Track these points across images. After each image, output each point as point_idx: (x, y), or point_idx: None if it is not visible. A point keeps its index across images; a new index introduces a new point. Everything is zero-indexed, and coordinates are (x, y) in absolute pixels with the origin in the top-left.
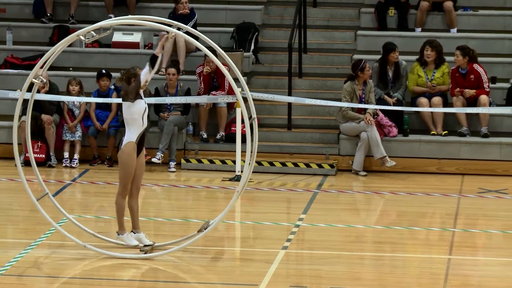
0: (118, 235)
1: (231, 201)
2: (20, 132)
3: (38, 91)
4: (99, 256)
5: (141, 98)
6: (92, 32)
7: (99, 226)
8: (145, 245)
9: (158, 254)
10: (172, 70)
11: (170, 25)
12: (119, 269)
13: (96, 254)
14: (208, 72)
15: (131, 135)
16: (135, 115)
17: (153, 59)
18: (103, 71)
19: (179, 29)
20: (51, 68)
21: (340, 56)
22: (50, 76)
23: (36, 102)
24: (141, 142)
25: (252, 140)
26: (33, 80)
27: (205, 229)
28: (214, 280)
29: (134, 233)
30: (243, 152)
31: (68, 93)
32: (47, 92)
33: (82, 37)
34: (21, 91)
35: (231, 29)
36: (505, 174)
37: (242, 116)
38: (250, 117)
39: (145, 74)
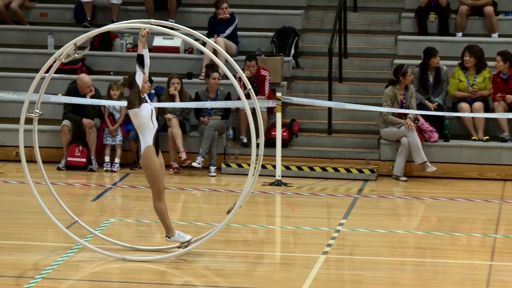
0: (169, 238)
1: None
2: (61, 136)
3: (84, 96)
4: (141, 260)
5: (146, 101)
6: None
7: (140, 230)
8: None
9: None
10: (216, 75)
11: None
12: (159, 273)
13: (138, 258)
14: (248, 77)
15: (146, 140)
16: (144, 119)
17: (140, 60)
18: None
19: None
20: (92, 72)
21: (380, 61)
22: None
23: (78, 106)
24: (156, 143)
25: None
26: (28, 114)
27: (185, 247)
28: (254, 284)
29: (169, 237)
30: (283, 157)
31: (109, 97)
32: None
33: (62, 60)
34: (62, 95)
35: (271, 33)
36: None
37: (282, 120)
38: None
39: (139, 77)
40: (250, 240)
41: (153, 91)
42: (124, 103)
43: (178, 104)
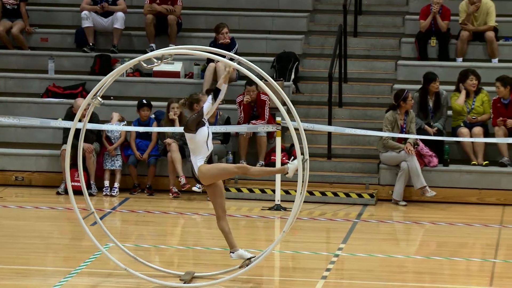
0: (233, 253)
1: (279, 237)
2: (61, 160)
3: (80, 120)
4: (140, 285)
5: (203, 125)
6: (154, 58)
7: (139, 254)
8: (247, 259)
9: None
10: None
11: (230, 59)
12: None
13: (137, 284)
14: (248, 102)
15: (197, 162)
16: (199, 144)
17: (216, 92)
18: (144, 101)
19: (239, 63)
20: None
21: (380, 86)
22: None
23: (77, 131)
24: (209, 163)
25: (303, 175)
26: (91, 100)
27: (247, 266)
28: None
29: (233, 252)
30: (283, 181)
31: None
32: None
33: (143, 63)
34: (62, 119)
35: (272, 58)
36: None
37: (282, 145)
38: (303, 159)
39: (208, 106)
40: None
41: (152, 116)
42: (123, 128)
43: (177, 129)
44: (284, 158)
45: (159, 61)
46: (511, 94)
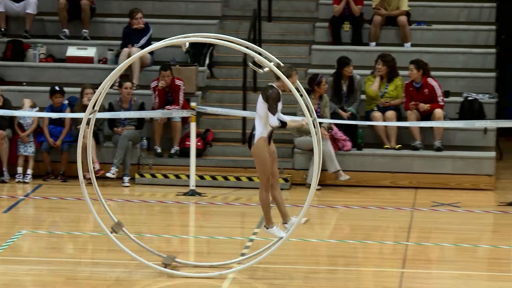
0: (267, 229)
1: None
2: None
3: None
4: (52, 272)
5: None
6: (260, 65)
7: (52, 241)
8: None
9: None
10: (128, 84)
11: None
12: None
13: (48, 271)
14: (163, 87)
15: (262, 131)
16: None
17: (283, 124)
18: (56, 87)
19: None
20: (5, 83)
21: None
22: (3, 91)
23: None
24: (269, 137)
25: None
26: (183, 46)
27: (165, 267)
28: None
29: (267, 228)
30: (197, 166)
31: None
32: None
33: (251, 64)
34: None
35: None
36: (457, 188)
37: (197, 130)
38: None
39: (273, 119)
40: (163, 250)
41: (66, 102)
42: (36, 114)
43: None
44: (199, 144)
45: (262, 69)
46: (423, 77)
